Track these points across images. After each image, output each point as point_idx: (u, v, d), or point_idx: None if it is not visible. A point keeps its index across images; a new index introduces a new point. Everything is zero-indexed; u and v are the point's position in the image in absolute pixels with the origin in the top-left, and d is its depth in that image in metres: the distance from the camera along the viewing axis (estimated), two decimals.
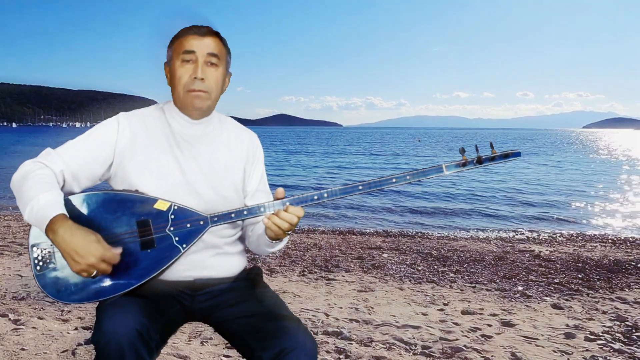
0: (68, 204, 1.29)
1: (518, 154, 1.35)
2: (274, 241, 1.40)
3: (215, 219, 1.35)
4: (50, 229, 1.20)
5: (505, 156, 1.35)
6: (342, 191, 1.35)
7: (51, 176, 1.31)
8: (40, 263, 1.30)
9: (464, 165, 1.33)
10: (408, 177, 1.33)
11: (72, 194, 1.35)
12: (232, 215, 1.35)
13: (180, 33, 1.46)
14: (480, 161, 1.34)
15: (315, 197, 1.34)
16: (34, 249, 1.30)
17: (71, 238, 1.19)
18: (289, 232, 1.34)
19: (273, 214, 1.32)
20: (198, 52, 1.41)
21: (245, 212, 1.35)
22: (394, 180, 1.33)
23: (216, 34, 1.46)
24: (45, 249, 1.30)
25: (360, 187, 1.34)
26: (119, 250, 1.26)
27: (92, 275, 1.22)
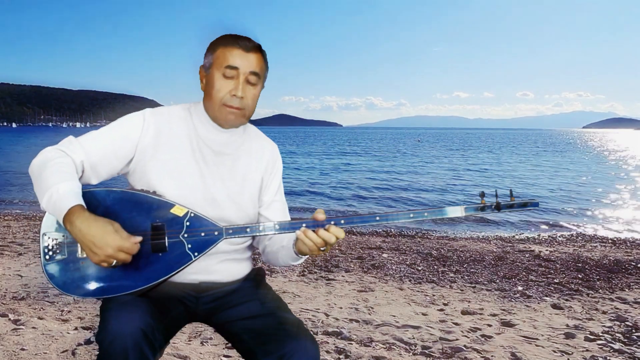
0: (85, 197, 1.27)
1: (536, 204, 1.37)
2: (300, 255, 1.39)
3: (231, 231, 1.35)
4: (67, 220, 1.20)
5: (524, 205, 1.36)
6: (361, 220, 1.36)
7: (71, 165, 1.30)
8: (50, 252, 1.29)
9: (482, 209, 1.35)
10: (426, 214, 1.36)
11: (89, 185, 1.34)
12: (247, 230, 1.35)
13: (224, 42, 1.40)
14: (498, 208, 1.35)
15: (333, 222, 1.33)
16: (45, 237, 1.29)
17: (88, 229, 1.18)
18: (323, 249, 1.32)
19: (310, 229, 1.31)
20: (241, 69, 1.38)
21: (260, 229, 1.35)
22: (411, 215, 1.36)
23: (260, 51, 1.42)
24: (56, 239, 1.29)
25: (377, 218, 1.35)
26: (138, 238, 1.25)
27: (112, 265, 1.22)
